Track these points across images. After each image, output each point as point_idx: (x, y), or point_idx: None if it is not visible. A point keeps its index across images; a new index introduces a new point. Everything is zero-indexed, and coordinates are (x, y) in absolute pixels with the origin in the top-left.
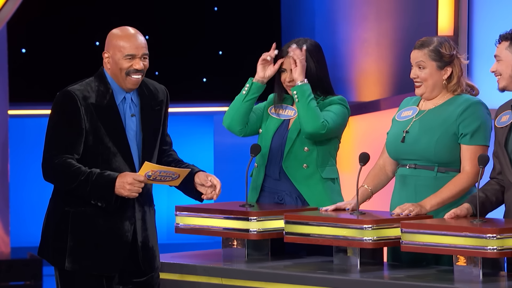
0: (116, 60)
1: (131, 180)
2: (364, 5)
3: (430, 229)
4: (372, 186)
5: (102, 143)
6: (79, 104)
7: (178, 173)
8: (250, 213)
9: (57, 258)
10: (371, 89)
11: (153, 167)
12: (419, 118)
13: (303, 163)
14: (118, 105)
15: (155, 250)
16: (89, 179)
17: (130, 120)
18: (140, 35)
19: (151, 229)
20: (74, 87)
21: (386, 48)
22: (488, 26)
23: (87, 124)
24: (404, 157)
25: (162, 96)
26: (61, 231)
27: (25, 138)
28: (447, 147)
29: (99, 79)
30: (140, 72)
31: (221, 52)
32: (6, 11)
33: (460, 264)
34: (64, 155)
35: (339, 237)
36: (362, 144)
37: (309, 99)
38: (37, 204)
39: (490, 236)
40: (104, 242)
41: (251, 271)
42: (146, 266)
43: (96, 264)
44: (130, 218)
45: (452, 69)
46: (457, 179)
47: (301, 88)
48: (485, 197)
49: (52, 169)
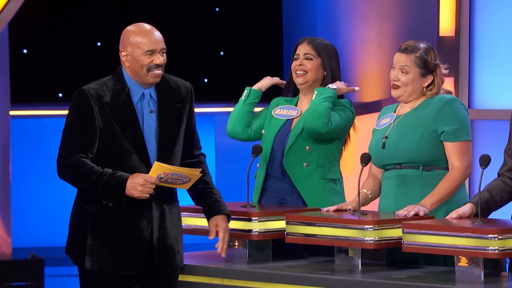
0: (136, 57)
1: (142, 181)
2: (365, 5)
3: (431, 229)
4: (371, 192)
5: (116, 141)
6: (92, 103)
7: (189, 176)
8: (251, 213)
9: (78, 257)
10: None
11: (165, 169)
12: (397, 123)
13: (304, 162)
14: (136, 103)
15: (174, 249)
16: (100, 179)
17: (149, 117)
18: (156, 30)
19: (172, 228)
20: (89, 86)
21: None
22: (489, 27)
23: (101, 123)
24: (387, 162)
25: (185, 93)
26: (82, 230)
27: (27, 138)
28: (429, 147)
29: (116, 78)
30: (160, 66)
31: (222, 53)
32: (7, 11)
33: (462, 265)
34: (78, 154)
35: (341, 238)
36: (364, 145)
37: (325, 98)
38: (38, 205)
39: (491, 236)
40: (121, 241)
41: (252, 272)
42: (162, 265)
43: (114, 263)
44: (147, 216)
45: (434, 77)
46: (450, 176)
47: (324, 90)
48: (490, 197)
49: (65, 167)
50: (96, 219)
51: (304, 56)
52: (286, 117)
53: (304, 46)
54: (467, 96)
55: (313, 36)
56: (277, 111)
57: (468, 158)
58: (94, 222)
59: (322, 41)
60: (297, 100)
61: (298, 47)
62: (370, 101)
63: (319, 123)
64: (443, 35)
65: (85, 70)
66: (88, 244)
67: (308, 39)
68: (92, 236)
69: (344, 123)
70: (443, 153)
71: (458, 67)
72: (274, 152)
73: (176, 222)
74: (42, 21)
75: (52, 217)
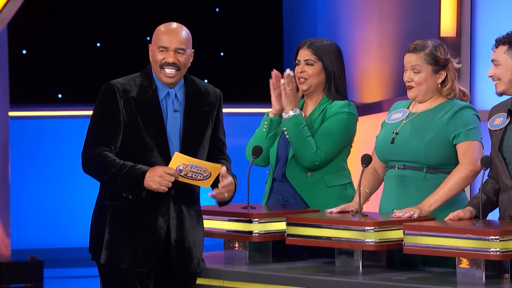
0: (153, 52)
1: (161, 172)
2: (366, 6)
3: (432, 231)
4: (369, 188)
5: (140, 137)
6: (118, 96)
7: (209, 170)
8: (252, 215)
9: (96, 252)
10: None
11: (185, 160)
12: (410, 120)
13: (308, 172)
14: (161, 101)
15: (192, 253)
16: (120, 171)
17: (173, 116)
18: (183, 30)
19: (191, 231)
20: (116, 80)
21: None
22: (491, 27)
23: (126, 117)
24: (393, 159)
25: (214, 99)
26: (101, 225)
27: (26, 140)
28: (437, 151)
29: (145, 74)
30: (173, 66)
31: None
32: (6, 12)
33: (463, 267)
34: (102, 147)
35: (341, 239)
36: (364, 146)
37: (297, 133)
38: (37, 206)
39: (493, 238)
40: (137, 237)
41: (253, 273)
42: (179, 267)
43: (128, 259)
44: (164, 215)
45: (447, 73)
46: (451, 173)
47: (289, 123)
48: (487, 198)
49: (88, 160)
50: (114, 214)
51: (304, 62)
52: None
53: (304, 51)
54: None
55: (313, 38)
56: (284, 115)
57: (474, 155)
58: (112, 217)
59: (322, 42)
60: (302, 105)
61: (299, 52)
62: (371, 102)
63: (310, 159)
64: (444, 36)
65: (84, 71)
66: (105, 239)
67: (308, 43)
68: (109, 231)
69: (341, 139)
70: (451, 158)
71: (459, 68)
72: (278, 157)
73: (196, 226)
74: (41, 22)
75: (52, 218)
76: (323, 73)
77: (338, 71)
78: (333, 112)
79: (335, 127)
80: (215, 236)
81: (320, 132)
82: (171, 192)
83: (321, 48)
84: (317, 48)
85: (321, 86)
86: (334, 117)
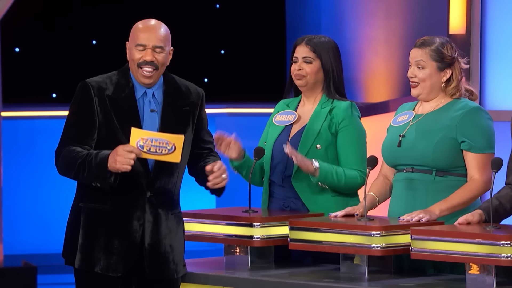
0: (130, 50)
1: (120, 151)
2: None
3: (441, 235)
4: (378, 195)
5: (115, 136)
6: (92, 94)
7: (171, 141)
8: (253, 219)
9: (70, 256)
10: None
11: (142, 134)
12: (416, 122)
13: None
14: (138, 100)
15: (168, 257)
16: (85, 161)
17: (149, 116)
18: (161, 27)
19: (167, 235)
20: (92, 78)
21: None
22: (501, 24)
23: (100, 116)
24: (401, 162)
25: (195, 98)
26: (75, 228)
27: (19, 141)
28: (445, 153)
29: (122, 73)
30: (150, 64)
31: (223, 52)
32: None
33: (473, 273)
34: (73, 145)
35: (346, 244)
36: (371, 147)
37: (335, 178)
38: (31, 210)
39: (504, 243)
40: (111, 240)
41: (254, 280)
42: (153, 272)
43: (101, 262)
44: (139, 218)
45: (452, 71)
46: (468, 186)
47: (321, 178)
48: (499, 204)
49: (59, 158)
50: (88, 216)
51: (302, 59)
52: (284, 123)
53: (302, 48)
54: (478, 96)
55: (313, 35)
56: (277, 117)
57: (489, 171)
58: (86, 219)
59: (320, 39)
60: (298, 102)
61: (296, 48)
62: (377, 102)
63: (358, 185)
64: (453, 33)
65: (80, 69)
66: (79, 242)
67: (306, 40)
68: (83, 234)
69: (362, 144)
70: (460, 161)
71: (469, 66)
72: (274, 161)
73: (174, 229)
74: (35, 18)
75: (46, 222)
76: (321, 71)
77: (337, 69)
78: (341, 118)
79: (356, 139)
80: (215, 241)
81: (347, 153)
82: (147, 195)
83: (319, 45)
84: (315, 45)
85: (319, 84)
86: (348, 130)
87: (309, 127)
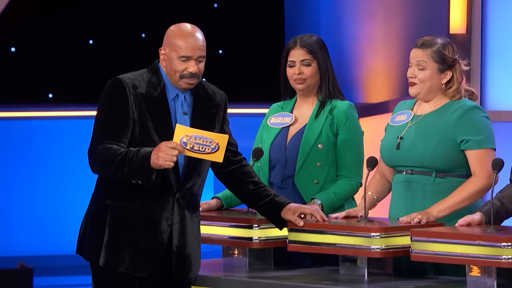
0: (171, 59)
1: (163, 147)
2: (372, 1)
3: (441, 237)
4: (376, 193)
5: (148, 136)
6: (128, 92)
7: (216, 140)
8: (252, 220)
9: (93, 253)
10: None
11: (187, 131)
12: (415, 124)
13: (314, 179)
14: (170, 101)
15: (191, 260)
16: (126, 158)
17: (182, 118)
18: (200, 35)
19: (191, 237)
20: (124, 75)
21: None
22: (502, 24)
23: (135, 113)
24: (400, 164)
25: (220, 100)
26: (99, 225)
27: (15, 141)
28: (445, 154)
29: (152, 71)
30: (194, 76)
31: (221, 51)
32: None
33: (474, 275)
34: (109, 142)
35: (346, 246)
36: (370, 148)
37: (337, 201)
38: (27, 211)
39: (505, 245)
40: (138, 240)
41: (253, 282)
42: (179, 274)
43: (128, 262)
44: (168, 219)
45: (453, 73)
46: (467, 183)
47: (326, 210)
48: (501, 205)
49: (95, 156)
50: (116, 214)
51: (301, 62)
52: (281, 125)
53: (297, 51)
54: (479, 97)
55: (301, 35)
56: (272, 119)
57: (490, 167)
58: (113, 217)
59: (312, 38)
60: (293, 103)
61: (291, 52)
62: (377, 102)
63: (354, 192)
64: (454, 33)
65: (77, 69)
66: (104, 240)
67: (300, 42)
68: (109, 232)
69: (360, 151)
70: (460, 162)
71: (470, 66)
72: (272, 163)
73: (196, 232)
74: (31, 17)
75: (42, 224)
76: (318, 72)
77: (330, 68)
78: (342, 119)
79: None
80: (213, 242)
81: (346, 154)
82: (176, 196)
83: (314, 45)
84: (310, 46)
85: (316, 85)
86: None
87: (310, 127)
